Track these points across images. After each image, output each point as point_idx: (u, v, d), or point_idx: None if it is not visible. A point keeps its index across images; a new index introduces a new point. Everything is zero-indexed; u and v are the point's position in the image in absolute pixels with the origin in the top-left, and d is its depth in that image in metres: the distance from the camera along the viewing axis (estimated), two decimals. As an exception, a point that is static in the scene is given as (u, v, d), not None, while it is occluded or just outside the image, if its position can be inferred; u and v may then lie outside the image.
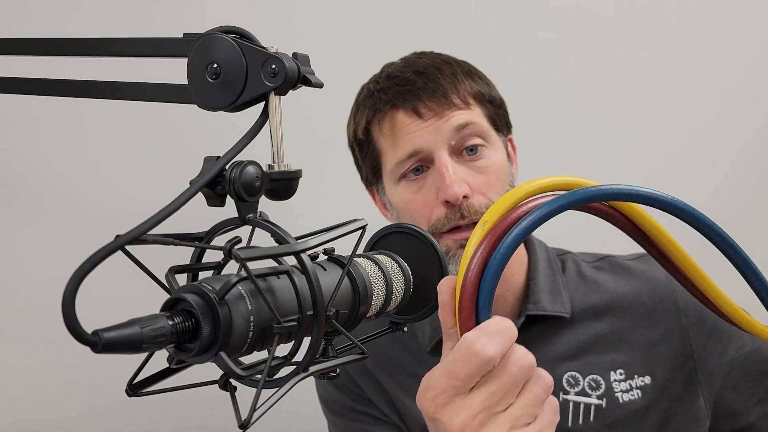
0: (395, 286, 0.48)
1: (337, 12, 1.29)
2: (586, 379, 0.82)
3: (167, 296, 0.35)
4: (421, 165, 0.82)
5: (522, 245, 0.90)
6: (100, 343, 0.29)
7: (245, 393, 0.37)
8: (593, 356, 0.83)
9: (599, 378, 0.82)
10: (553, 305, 0.84)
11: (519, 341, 0.51)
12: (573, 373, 0.82)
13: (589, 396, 0.81)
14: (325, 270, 0.43)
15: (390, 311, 0.50)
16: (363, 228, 0.44)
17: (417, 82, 0.81)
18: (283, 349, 0.38)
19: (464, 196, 0.78)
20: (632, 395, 0.81)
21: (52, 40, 0.49)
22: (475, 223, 0.78)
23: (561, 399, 0.81)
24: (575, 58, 1.33)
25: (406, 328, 0.54)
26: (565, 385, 0.82)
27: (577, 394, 0.81)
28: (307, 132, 1.14)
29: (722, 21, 1.37)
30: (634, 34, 1.33)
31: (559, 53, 1.33)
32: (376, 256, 0.49)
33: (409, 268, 0.51)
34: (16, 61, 0.52)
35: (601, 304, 0.86)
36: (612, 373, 0.82)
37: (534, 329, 0.84)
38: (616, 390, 0.81)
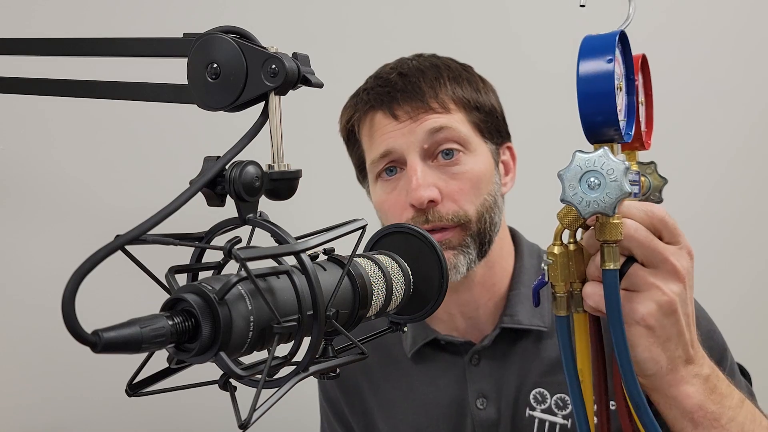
0: (395, 286, 0.48)
1: (337, 11, 1.29)
2: (554, 398, 0.81)
3: (167, 296, 0.35)
4: (395, 166, 0.82)
5: (511, 250, 0.89)
6: (100, 343, 0.29)
7: (245, 393, 0.37)
8: (564, 375, 0.82)
9: (567, 398, 0.80)
10: (531, 318, 0.83)
11: (495, 354, 0.50)
12: (541, 389, 0.82)
13: (555, 415, 0.80)
14: (325, 270, 0.43)
15: (390, 311, 0.49)
16: (363, 228, 0.43)
17: (397, 84, 0.81)
18: (283, 349, 0.38)
19: (431, 201, 0.77)
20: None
21: (51, 40, 0.49)
22: (442, 228, 0.78)
23: (527, 415, 0.81)
24: (573, 53, 1.33)
25: (406, 328, 0.54)
26: (531, 401, 0.81)
27: (543, 411, 0.81)
28: (307, 132, 1.14)
29: (721, 17, 1.37)
30: (633, 29, 1.33)
31: (557, 49, 1.33)
32: (376, 256, 0.49)
33: (409, 268, 0.51)
34: (16, 60, 0.52)
35: None
36: None
37: (510, 341, 0.84)
38: None
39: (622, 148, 0.57)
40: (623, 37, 0.52)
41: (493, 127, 0.85)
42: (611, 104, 0.47)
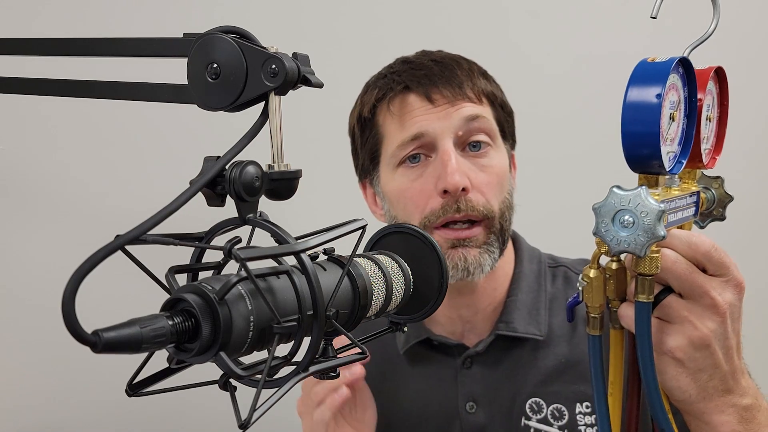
0: (395, 286, 0.48)
1: (337, 11, 1.29)
2: (550, 408, 0.80)
3: (167, 296, 0.35)
4: (421, 153, 0.79)
5: (512, 255, 0.88)
6: (100, 343, 0.29)
7: (245, 393, 0.37)
8: (560, 385, 0.80)
9: (563, 408, 0.79)
10: (527, 326, 0.82)
11: (488, 360, 0.48)
12: (537, 399, 0.80)
13: (550, 425, 0.79)
14: (325, 270, 0.43)
15: (390, 311, 0.50)
16: (363, 228, 0.43)
17: (433, 69, 0.80)
18: (283, 349, 0.38)
19: (463, 189, 0.75)
20: (596, 430, 0.79)
21: (51, 40, 0.48)
22: (471, 220, 0.77)
23: (522, 424, 0.80)
24: (574, 55, 1.33)
25: (406, 328, 0.54)
26: (527, 410, 0.80)
27: (538, 421, 0.80)
28: (307, 132, 1.14)
29: (723, 18, 1.36)
30: (633, 30, 1.33)
31: (558, 50, 1.33)
32: (376, 256, 0.49)
33: (409, 269, 0.51)
34: (16, 60, 0.52)
35: (576, 326, 0.82)
36: (578, 405, 0.79)
37: (505, 348, 0.83)
38: (579, 423, 0.78)
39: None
40: (685, 60, 0.50)
41: (510, 128, 0.85)
42: (655, 142, 0.46)
